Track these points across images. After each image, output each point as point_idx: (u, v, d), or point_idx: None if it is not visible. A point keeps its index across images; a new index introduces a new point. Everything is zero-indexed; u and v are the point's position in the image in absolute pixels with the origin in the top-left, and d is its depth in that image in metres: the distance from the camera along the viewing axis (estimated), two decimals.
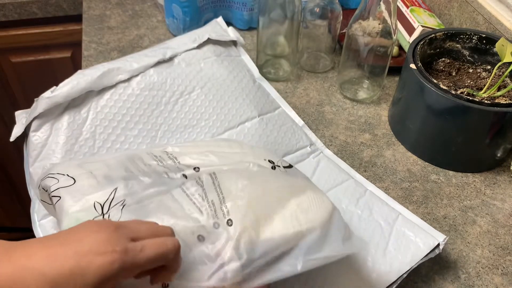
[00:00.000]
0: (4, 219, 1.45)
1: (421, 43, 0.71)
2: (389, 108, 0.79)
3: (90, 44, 0.90)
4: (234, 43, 0.78)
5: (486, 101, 0.62)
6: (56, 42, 1.10)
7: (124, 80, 0.64)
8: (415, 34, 0.83)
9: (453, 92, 0.63)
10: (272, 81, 0.84)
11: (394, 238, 0.57)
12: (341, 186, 0.64)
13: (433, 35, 0.73)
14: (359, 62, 0.78)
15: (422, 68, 0.67)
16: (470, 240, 0.61)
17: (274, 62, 0.85)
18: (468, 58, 0.76)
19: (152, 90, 0.65)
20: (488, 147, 0.68)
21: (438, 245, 0.56)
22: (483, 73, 0.74)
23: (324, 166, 0.67)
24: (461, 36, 0.74)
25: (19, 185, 1.38)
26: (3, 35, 1.06)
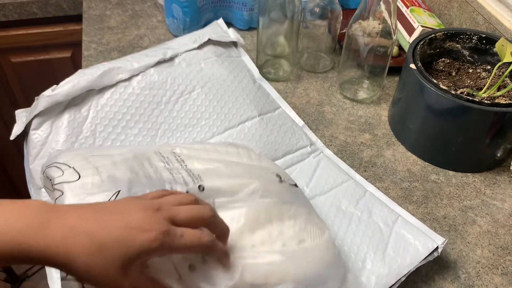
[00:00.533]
0: None
1: (421, 43, 0.72)
2: (389, 108, 0.79)
3: (90, 44, 0.90)
4: (235, 44, 0.78)
5: (486, 101, 0.62)
6: (56, 42, 1.10)
7: (125, 80, 0.64)
8: (415, 34, 0.83)
9: (453, 92, 0.63)
10: (272, 81, 0.84)
11: (393, 241, 0.57)
12: (341, 187, 0.64)
13: (433, 35, 0.73)
14: (359, 62, 0.78)
15: (422, 68, 0.67)
16: (470, 240, 0.61)
17: (274, 62, 0.85)
18: (468, 58, 0.76)
19: (153, 89, 0.65)
20: (488, 147, 0.68)
21: (437, 248, 0.56)
22: (483, 73, 0.74)
23: (324, 166, 0.67)
24: (461, 36, 0.74)
25: (19, 185, 1.38)
26: (3, 35, 1.06)
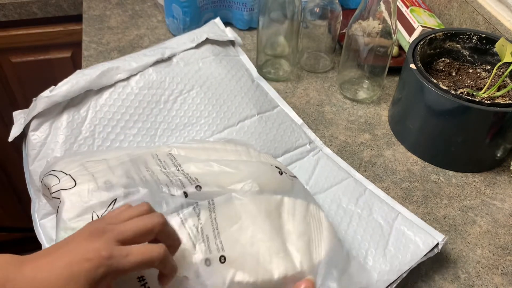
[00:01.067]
0: (4, 219, 1.45)
1: (421, 43, 0.72)
2: (389, 108, 0.79)
3: (90, 44, 0.90)
4: (232, 43, 0.78)
5: (486, 101, 0.62)
6: (56, 42, 1.10)
7: (123, 79, 0.64)
8: (415, 34, 0.83)
9: (453, 92, 0.63)
10: (272, 81, 0.84)
11: (394, 238, 0.57)
12: (341, 185, 0.64)
13: (433, 35, 0.73)
14: (359, 62, 0.78)
15: (422, 68, 0.67)
16: (470, 240, 0.61)
17: (274, 62, 0.85)
18: (468, 58, 0.76)
19: (151, 89, 0.65)
20: (488, 147, 0.68)
21: (437, 245, 0.56)
22: (483, 73, 0.74)
23: (324, 164, 0.67)
24: (461, 36, 0.74)
25: (19, 185, 1.38)
26: (3, 35, 1.06)
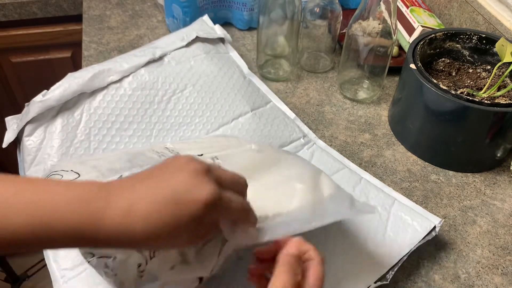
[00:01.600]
0: None
1: (421, 43, 0.72)
2: (389, 108, 0.79)
3: (90, 44, 0.90)
4: (222, 40, 0.78)
5: (486, 101, 0.62)
6: (56, 42, 1.10)
7: (116, 81, 0.64)
8: (415, 34, 0.83)
9: (453, 92, 0.63)
10: (272, 81, 0.84)
11: (392, 223, 0.58)
12: (337, 175, 0.65)
13: (433, 35, 0.73)
14: (359, 62, 0.78)
15: (422, 68, 0.67)
16: (470, 240, 0.61)
17: (274, 62, 0.85)
18: (468, 58, 0.76)
19: (144, 90, 0.65)
20: (488, 147, 0.68)
21: (434, 228, 0.58)
22: (483, 73, 0.74)
23: (319, 157, 0.68)
24: (461, 36, 0.74)
25: None
26: (3, 35, 1.06)
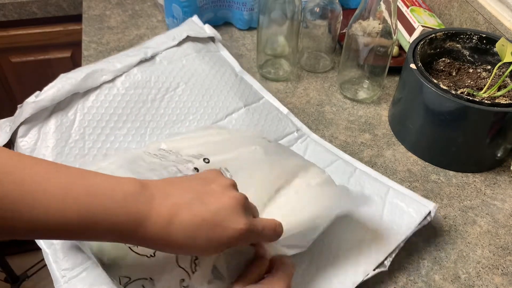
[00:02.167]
0: None
1: (421, 43, 0.71)
2: (389, 108, 0.79)
3: (90, 44, 0.90)
4: (212, 40, 0.79)
5: (486, 101, 0.62)
6: (56, 42, 1.10)
7: (109, 81, 0.64)
8: (415, 34, 0.83)
9: (453, 92, 0.63)
10: (272, 81, 0.84)
11: (388, 211, 0.59)
12: (331, 167, 0.66)
13: (433, 35, 0.73)
14: (359, 62, 0.78)
15: (422, 68, 0.67)
16: (470, 240, 0.61)
17: (274, 62, 0.85)
18: (468, 58, 0.76)
19: (137, 89, 0.66)
20: (488, 147, 0.68)
21: (429, 213, 0.59)
22: (483, 73, 0.74)
23: (313, 150, 0.69)
24: (461, 36, 0.74)
25: None
26: (3, 35, 1.06)
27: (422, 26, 0.82)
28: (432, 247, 0.60)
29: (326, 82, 0.85)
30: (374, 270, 0.53)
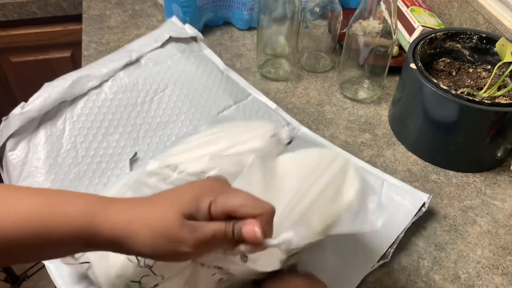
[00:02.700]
0: None
1: (421, 43, 0.71)
2: (389, 108, 0.79)
3: (90, 44, 0.90)
4: (194, 39, 0.79)
5: (486, 101, 0.62)
6: (56, 42, 1.10)
7: (96, 87, 0.64)
8: (415, 34, 0.83)
9: (453, 92, 0.63)
10: (272, 81, 0.84)
11: (385, 204, 0.60)
12: None
13: (433, 35, 0.73)
14: (359, 62, 0.78)
15: (422, 68, 0.67)
16: (470, 240, 0.61)
17: (274, 62, 0.85)
18: (468, 58, 0.76)
19: (126, 92, 0.65)
20: (488, 147, 0.68)
21: (424, 204, 0.61)
22: (483, 73, 0.74)
23: (304, 144, 0.69)
24: (461, 36, 0.74)
25: None
26: (3, 35, 1.06)
27: (422, 26, 0.82)
28: (432, 247, 0.60)
29: (326, 82, 0.85)
30: (378, 262, 0.56)
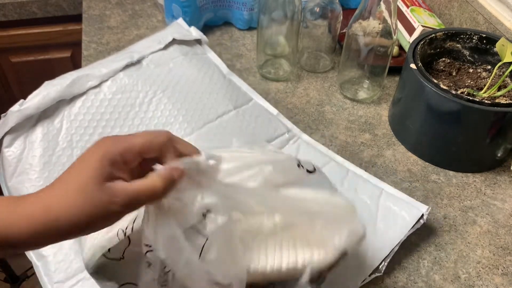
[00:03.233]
0: None
1: (421, 43, 0.71)
2: (389, 108, 0.79)
3: (90, 44, 0.90)
4: (199, 42, 0.78)
5: (487, 101, 0.62)
6: (56, 42, 1.10)
7: (95, 86, 0.64)
8: (415, 34, 0.83)
9: (453, 92, 0.63)
10: (272, 81, 0.84)
11: (382, 214, 0.60)
12: (324, 169, 0.65)
13: (433, 35, 0.73)
14: (359, 62, 0.78)
15: (422, 68, 0.67)
16: (471, 240, 0.61)
17: (274, 62, 0.85)
18: (469, 58, 0.76)
19: (125, 93, 0.65)
20: (488, 147, 0.68)
21: (422, 216, 0.59)
22: (484, 73, 0.74)
23: (305, 151, 0.69)
24: (461, 36, 0.74)
25: None
26: (3, 35, 1.06)
27: (422, 26, 0.82)
28: (432, 247, 0.60)
29: (326, 82, 0.85)
30: (370, 276, 0.54)
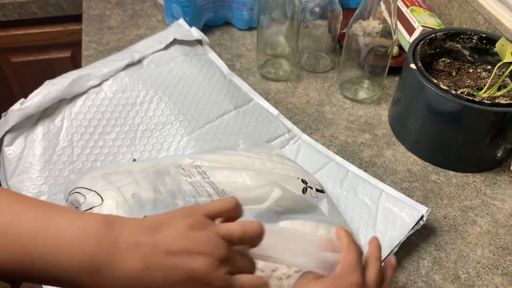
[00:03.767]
0: None
1: (421, 43, 0.71)
2: (389, 108, 0.79)
3: (90, 44, 0.90)
4: (199, 42, 0.78)
5: (486, 101, 0.62)
6: (56, 42, 1.10)
7: (96, 85, 0.64)
8: (415, 34, 0.83)
9: (453, 92, 0.63)
10: (272, 81, 0.84)
11: (381, 215, 0.60)
12: (324, 169, 0.66)
13: (433, 35, 0.73)
14: (359, 62, 0.78)
15: (422, 68, 0.67)
16: (470, 240, 0.61)
17: (274, 62, 0.85)
18: (468, 58, 0.76)
19: (125, 92, 0.65)
20: (488, 147, 0.68)
21: (422, 217, 0.59)
22: (483, 73, 0.74)
23: (305, 151, 0.69)
24: (461, 36, 0.74)
25: None
26: (3, 35, 1.06)
27: (422, 26, 0.82)
28: (432, 247, 0.60)
29: (326, 82, 0.85)
30: None
